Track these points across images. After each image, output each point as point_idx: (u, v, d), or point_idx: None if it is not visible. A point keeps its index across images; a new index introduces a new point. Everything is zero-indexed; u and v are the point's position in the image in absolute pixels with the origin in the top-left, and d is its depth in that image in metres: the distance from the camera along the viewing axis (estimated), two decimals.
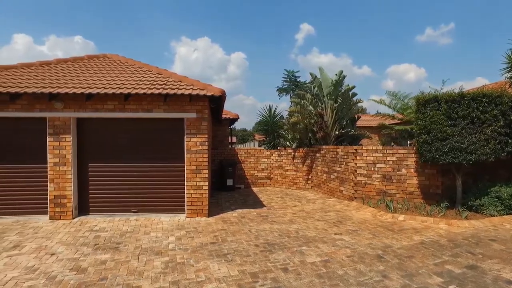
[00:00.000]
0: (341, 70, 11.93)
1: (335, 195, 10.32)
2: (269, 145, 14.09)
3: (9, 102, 7.42)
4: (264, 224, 7.24)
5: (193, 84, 7.87)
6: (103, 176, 7.91)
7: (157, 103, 7.68)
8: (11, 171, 7.70)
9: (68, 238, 6.23)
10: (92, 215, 7.79)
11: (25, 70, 8.61)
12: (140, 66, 9.33)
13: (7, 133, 7.70)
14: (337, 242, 5.95)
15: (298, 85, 47.30)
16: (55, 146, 7.53)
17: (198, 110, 7.76)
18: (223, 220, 7.54)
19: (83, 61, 9.74)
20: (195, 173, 7.77)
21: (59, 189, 7.54)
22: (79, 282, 4.41)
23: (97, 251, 5.53)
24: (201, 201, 7.78)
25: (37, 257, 5.30)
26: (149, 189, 7.97)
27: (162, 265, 4.96)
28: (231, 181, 11.90)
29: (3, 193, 7.69)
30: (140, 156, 7.94)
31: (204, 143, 7.79)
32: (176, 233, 6.54)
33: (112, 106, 7.62)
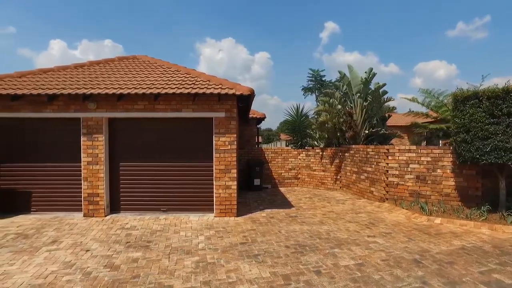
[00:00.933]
0: (370, 68, 11.59)
1: (365, 196, 10.01)
2: (296, 144, 13.91)
3: (47, 103, 7.70)
4: (293, 224, 7.11)
5: (221, 83, 7.85)
6: (133, 175, 8.05)
7: (186, 103, 7.72)
8: (50, 170, 8.01)
9: (101, 235, 6.36)
10: (123, 213, 7.94)
11: (61, 72, 8.92)
12: (169, 66, 9.43)
13: (45, 133, 8.01)
14: (371, 245, 5.73)
15: (324, 84, 46.57)
16: (89, 146, 7.74)
17: (226, 110, 7.74)
18: (252, 220, 7.47)
19: (114, 63, 9.98)
20: (223, 173, 7.75)
21: (92, 188, 7.74)
22: (113, 279, 4.47)
23: (129, 249, 5.60)
24: (229, 200, 7.75)
25: (73, 252, 5.44)
26: (178, 188, 8.02)
27: (192, 264, 4.95)
28: (258, 181, 11.83)
29: (43, 190, 8.02)
30: (169, 156, 8.01)
31: (232, 142, 7.76)
32: (206, 232, 6.53)
33: (142, 106, 7.74)
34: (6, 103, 7.71)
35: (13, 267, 4.90)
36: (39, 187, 8.03)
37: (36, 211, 8.01)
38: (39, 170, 8.03)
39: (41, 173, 8.03)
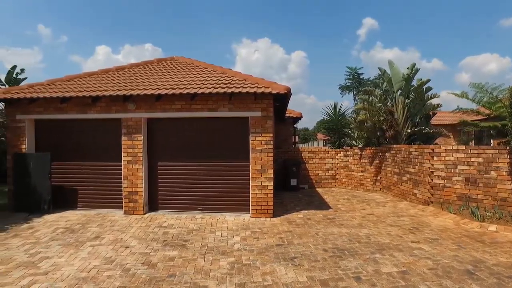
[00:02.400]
0: (413, 63, 10.96)
1: (408, 198, 9.48)
2: (334, 144, 13.53)
3: (91, 104, 8.06)
4: (331, 227, 6.86)
5: (257, 82, 7.76)
6: (170, 174, 8.19)
7: (222, 102, 7.72)
8: (94, 168, 8.40)
9: (139, 233, 6.52)
10: (161, 212, 8.11)
11: (104, 75, 9.30)
12: (205, 67, 9.51)
13: (89, 133, 8.40)
14: (415, 251, 5.36)
15: (362, 82, 45.10)
16: (128, 145, 7.99)
17: (262, 109, 7.64)
18: (288, 222, 7.31)
19: (153, 64, 10.24)
20: (260, 173, 7.66)
21: (131, 186, 7.98)
22: (150, 277, 4.53)
23: (166, 247, 5.67)
24: (265, 201, 7.65)
25: (114, 249, 5.61)
26: (214, 188, 8.05)
27: (228, 265, 4.90)
28: (295, 181, 11.63)
29: (88, 188, 8.42)
30: (205, 155, 8.06)
31: (269, 142, 7.65)
32: (241, 233, 6.47)
33: (179, 106, 7.85)
34: (57, 105, 8.17)
35: (61, 259, 5.16)
36: (85, 185, 8.44)
37: (82, 207, 8.41)
38: (84, 169, 8.43)
39: (86, 171, 8.43)
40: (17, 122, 8.39)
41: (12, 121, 8.43)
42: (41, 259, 5.17)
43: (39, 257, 5.25)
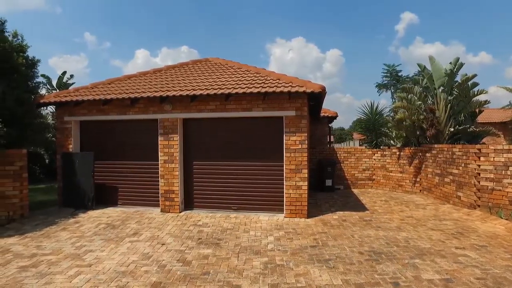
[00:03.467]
0: (457, 58, 10.36)
1: (451, 201, 8.94)
2: (370, 144, 13.09)
3: (130, 106, 8.39)
4: (368, 229, 6.63)
5: (291, 81, 7.69)
6: (205, 173, 8.33)
7: (256, 102, 7.73)
8: (132, 167, 8.74)
9: (175, 230, 6.68)
10: (196, 210, 8.26)
11: (142, 77, 9.65)
12: (239, 67, 9.56)
13: (128, 133, 8.76)
14: (460, 258, 5.03)
15: (400, 79, 43.29)
16: (165, 145, 8.22)
17: (297, 108, 7.55)
18: (323, 223, 7.17)
19: (188, 66, 10.46)
20: (294, 173, 7.58)
21: (168, 185, 8.20)
22: (184, 274, 4.61)
23: (200, 245, 5.76)
24: (300, 201, 7.55)
25: (151, 245, 5.79)
26: (248, 188, 8.08)
27: (261, 265, 4.88)
28: (330, 182, 11.40)
29: (127, 186, 8.78)
30: (239, 155, 8.11)
31: (303, 141, 7.55)
32: (275, 233, 6.43)
33: (213, 106, 7.96)
34: (99, 107, 8.59)
35: (103, 253, 5.42)
36: (124, 183, 8.81)
37: (122, 204, 8.79)
38: (124, 167, 8.80)
39: (125, 170, 8.79)
40: (65, 123, 8.93)
41: (61, 122, 8.99)
42: (85, 252, 5.46)
43: (83, 250, 5.55)
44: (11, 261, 5.17)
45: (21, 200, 7.47)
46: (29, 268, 4.88)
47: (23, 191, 7.52)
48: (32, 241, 6.07)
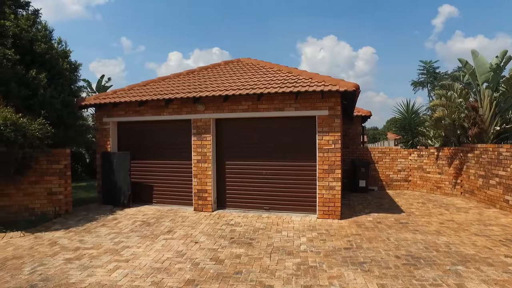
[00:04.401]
0: (504, 50, 9.70)
1: (497, 205, 8.41)
2: (406, 144, 12.64)
3: (164, 107, 8.62)
4: (404, 232, 6.38)
5: (324, 80, 7.57)
6: (237, 173, 8.39)
7: (288, 102, 7.69)
8: (166, 166, 8.99)
9: (208, 229, 6.77)
10: (228, 210, 8.34)
11: (176, 79, 9.89)
12: (271, 67, 9.55)
13: (163, 134, 9.01)
14: (511, 267, 4.70)
15: (438, 76, 41.34)
16: (198, 145, 8.37)
17: (330, 107, 7.43)
18: (356, 224, 6.99)
19: (220, 67, 10.59)
20: (327, 173, 7.45)
21: (201, 184, 8.34)
22: (217, 272, 4.67)
23: (233, 245, 5.80)
24: (333, 202, 7.41)
25: (185, 243, 5.91)
26: (280, 188, 8.04)
27: (293, 266, 4.83)
28: (363, 182, 11.10)
29: (161, 185, 9.04)
30: (272, 155, 8.09)
31: (336, 141, 7.40)
32: (308, 234, 6.36)
33: (246, 106, 8.00)
34: (135, 108, 8.91)
35: (139, 249, 5.61)
36: (159, 182, 9.07)
37: (157, 202, 9.05)
38: (159, 167, 9.06)
39: (160, 169, 9.05)
40: (104, 124, 9.35)
41: (100, 123, 9.42)
42: (123, 248, 5.68)
43: (121, 246, 5.77)
44: (58, 253, 5.50)
45: (66, 197, 7.90)
46: (73, 260, 5.16)
47: (67, 188, 7.95)
48: (76, 235, 6.40)
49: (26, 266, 4.98)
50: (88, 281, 4.44)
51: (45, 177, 7.66)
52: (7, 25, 7.64)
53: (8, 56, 7.21)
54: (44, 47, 8.25)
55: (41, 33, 8.74)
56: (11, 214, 7.36)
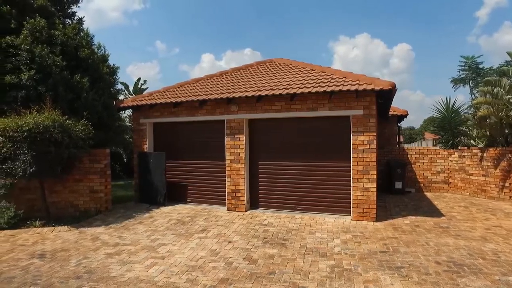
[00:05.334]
0: None
1: None
2: (446, 144, 12.04)
3: (198, 108, 8.81)
4: (445, 237, 6.09)
5: (358, 79, 7.40)
6: (270, 173, 8.39)
7: (322, 101, 7.59)
8: (200, 166, 9.17)
9: (241, 229, 6.83)
10: (261, 210, 8.36)
11: (209, 80, 10.07)
12: (304, 66, 9.47)
13: (197, 134, 9.20)
14: None
15: (481, 72, 39.05)
16: (231, 145, 8.47)
17: (365, 107, 7.25)
18: (393, 227, 6.76)
19: (253, 67, 10.65)
20: (362, 174, 7.28)
21: (234, 184, 8.43)
22: (250, 272, 4.70)
23: (266, 245, 5.81)
24: (368, 204, 7.23)
25: (218, 242, 6.00)
26: (313, 188, 7.96)
27: (327, 268, 4.76)
28: (400, 184, 10.72)
29: (195, 184, 9.24)
30: (305, 155, 8.03)
31: (372, 141, 7.21)
32: (342, 236, 6.24)
33: (279, 107, 7.99)
34: (170, 109, 9.17)
35: (174, 247, 5.77)
36: (193, 181, 9.28)
37: (191, 202, 9.26)
38: (193, 166, 9.27)
39: (194, 169, 9.25)
40: (140, 125, 9.70)
41: (137, 124, 9.78)
42: (159, 245, 5.86)
43: (157, 243, 5.96)
44: (100, 247, 5.79)
45: (106, 195, 8.29)
46: (113, 255, 5.40)
47: (107, 186, 8.34)
48: (115, 232, 6.69)
49: (73, 259, 5.29)
50: (127, 275, 4.63)
51: (88, 176, 8.08)
52: (56, 34, 8.16)
53: (57, 63, 7.70)
54: (87, 53, 8.72)
55: (84, 39, 9.24)
56: (59, 210, 7.86)
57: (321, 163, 7.88)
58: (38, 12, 8.48)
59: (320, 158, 7.89)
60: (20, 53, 7.53)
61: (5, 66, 7.39)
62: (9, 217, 6.92)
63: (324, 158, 7.85)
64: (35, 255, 5.50)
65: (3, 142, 6.57)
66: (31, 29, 7.79)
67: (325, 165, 7.85)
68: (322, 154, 7.88)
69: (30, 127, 6.47)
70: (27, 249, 5.80)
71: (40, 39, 7.85)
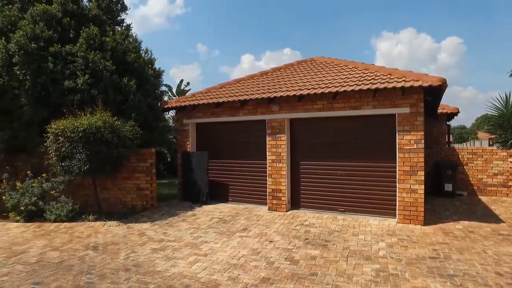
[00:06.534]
0: None
1: None
2: (505, 143, 11.14)
3: (240, 108, 8.91)
4: (506, 246, 5.59)
5: (404, 75, 7.07)
6: (311, 173, 8.28)
7: (365, 100, 7.35)
8: (241, 166, 9.28)
9: (282, 229, 6.80)
10: (302, 210, 8.27)
11: (250, 80, 10.15)
12: (346, 64, 9.24)
13: (238, 134, 9.30)
14: None
15: None
16: (273, 145, 8.46)
17: (411, 105, 6.91)
18: (443, 232, 6.36)
19: (293, 67, 10.57)
20: (408, 175, 6.95)
21: (275, 184, 8.42)
22: (292, 272, 4.66)
23: (307, 246, 5.74)
24: (415, 206, 6.88)
25: (259, 241, 6.02)
26: (356, 189, 7.73)
27: (372, 272, 4.60)
28: (449, 186, 10.08)
29: (236, 183, 9.37)
30: (347, 155, 7.83)
31: (419, 141, 6.86)
32: (387, 239, 5.99)
33: (320, 106, 7.86)
34: (212, 109, 9.37)
35: (216, 245, 5.88)
36: (234, 180, 9.40)
37: (232, 201, 9.38)
38: (234, 166, 9.39)
39: (235, 168, 9.37)
40: (184, 125, 10.02)
41: (180, 125, 10.11)
42: (201, 243, 6.00)
43: (200, 241, 6.11)
44: (146, 243, 6.06)
45: (151, 192, 8.65)
46: (159, 251, 5.62)
47: (153, 184, 8.70)
48: (160, 228, 6.96)
49: (122, 252, 5.59)
50: (172, 271, 4.79)
51: (135, 174, 8.49)
52: (107, 40, 8.68)
53: (107, 67, 8.19)
54: (134, 57, 9.16)
55: (132, 44, 9.73)
56: (109, 206, 8.35)
57: (364, 163, 7.63)
58: (92, 21, 9.07)
59: (363, 158, 7.64)
60: (77, 60, 8.09)
61: (64, 72, 7.98)
62: (67, 210, 7.53)
63: (368, 158, 7.60)
64: (89, 247, 5.89)
65: (62, 142, 7.10)
66: (86, 37, 8.35)
67: (369, 165, 7.59)
68: (365, 154, 7.64)
69: (84, 128, 6.93)
70: (83, 241, 6.23)
71: (93, 46, 8.38)
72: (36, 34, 7.93)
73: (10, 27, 8.22)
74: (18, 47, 7.59)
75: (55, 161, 7.34)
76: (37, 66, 7.80)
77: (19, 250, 5.81)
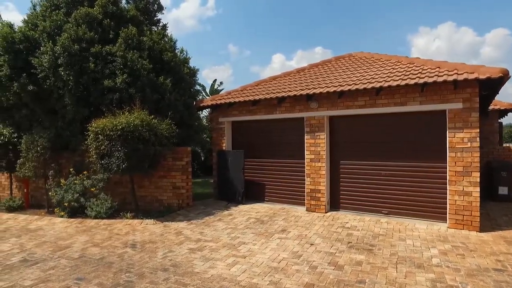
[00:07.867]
0: None
1: None
2: None
3: (277, 105, 8.68)
4: None
5: (456, 68, 6.52)
6: (352, 173, 7.88)
7: (411, 95, 6.86)
8: (278, 165, 9.03)
9: (323, 231, 6.48)
10: (342, 212, 7.90)
11: (286, 78, 9.89)
12: (388, 59, 8.73)
13: (275, 132, 9.08)
14: None
15: None
16: (311, 144, 8.15)
17: (464, 99, 6.35)
18: (505, 240, 5.76)
19: (331, 63, 10.18)
20: (461, 176, 6.39)
21: (314, 184, 8.10)
22: (337, 278, 4.36)
23: (351, 250, 5.40)
24: (469, 210, 6.31)
25: (300, 244, 5.75)
26: (401, 190, 7.25)
27: (427, 282, 4.20)
28: (505, 189, 9.25)
29: (273, 183, 9.15)
30: (391, 155, 7.36)
31: (474, 139, 6.29)
32: (439, 245, 5.51)
33: (362, 102, 7.45)
34: (248, 107, 9.21)
35: (255, 246, 5.69)
36: (270, 180, 9.18)
37: (268, 201, 9.17)
38: (271, 165, 9.17)
39: (272, 167, 9.14)
40: (219, 124, 9.93)
41: (216, 123, 10.04)
42: (239, 243, 5.83)
43: (238, 241, 5.94)
44: (183, 242, 5.98)
45: (187, 191, 8.61)
46: (196, 251, 5.51)
47: (189, 183, 8.66)
48: (196, 228, 6.88)
49: (159, 251, 5.54)
50: (210, 272, 4.64)
51: (171, 173, 8.49)
52: (144, 40, 8.78)
53: (145, 66, 8.26)
54: (170, 56, 9.19)
55: (168, 44, 9.79)
56: (146, 204, 8.43)
57: (410, 163, 7.13)
58: (130, 21, 9.21)
59: (409, 157, 7.15)
60: (116, 59, 8.23)
61: (104, 72, 8.15)
62: (107, 208, 7.65)
63: (413, 157, 7.09)
64: (127, 244, 5.90)
65: (102, 140, 7.21)
66: (124, 37, 8.47)
67: (414, 165, 7.08)
68: (410, 153, 7.14)
69: (123, 126, 6.99)
70: (121, 238, 6.27)
71: (131, 46, 8.49)
72: (79, 36, 8.15)
73: (56, 30, 8.51)
74: (62, 49, 7.84)
75: (95, 158, 7.48)
76: (80, 66, 8.01)
77: (63, 244, 5.94)
